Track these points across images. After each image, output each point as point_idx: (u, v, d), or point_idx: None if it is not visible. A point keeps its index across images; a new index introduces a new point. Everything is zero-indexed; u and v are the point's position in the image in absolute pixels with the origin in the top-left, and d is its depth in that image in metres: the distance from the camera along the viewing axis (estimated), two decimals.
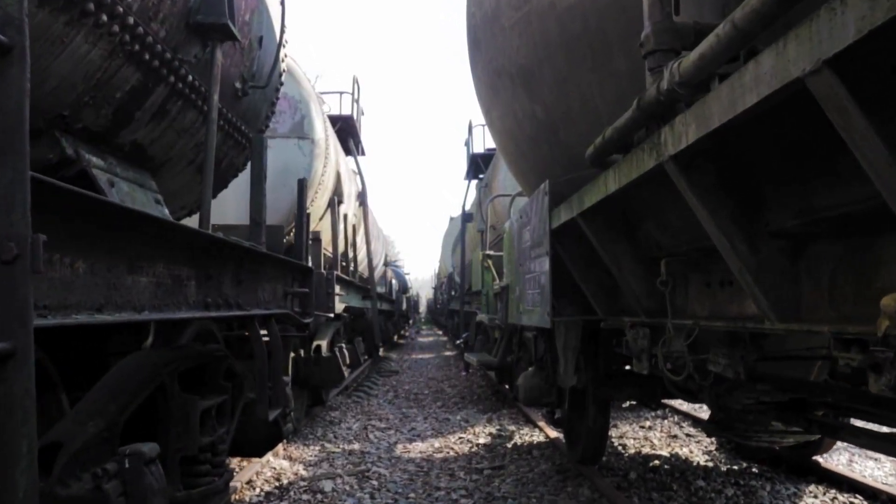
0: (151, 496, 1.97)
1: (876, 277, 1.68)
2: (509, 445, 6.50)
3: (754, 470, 5.50)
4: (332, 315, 5.95)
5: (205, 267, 2.52)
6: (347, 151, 10.83)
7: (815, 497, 4.67)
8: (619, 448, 6.41)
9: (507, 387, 10.11)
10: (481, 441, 6.74)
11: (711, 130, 1.66)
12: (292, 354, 6.42)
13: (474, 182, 14.20)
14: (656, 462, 5.86)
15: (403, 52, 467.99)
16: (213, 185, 4.28)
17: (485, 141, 13.78)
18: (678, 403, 8.01)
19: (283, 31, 4.05)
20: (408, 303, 31.58)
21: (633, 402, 7.85)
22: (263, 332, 3.58)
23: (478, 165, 13.54)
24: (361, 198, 10.86)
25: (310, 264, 5.13)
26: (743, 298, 2.31)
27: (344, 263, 8.76)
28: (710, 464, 5.82)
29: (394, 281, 22.07)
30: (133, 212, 1.85)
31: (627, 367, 5.14)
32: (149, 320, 1.94)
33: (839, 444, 5.42)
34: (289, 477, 5.29)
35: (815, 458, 5.26)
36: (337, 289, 6.65)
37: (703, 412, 7.84)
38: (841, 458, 5.82)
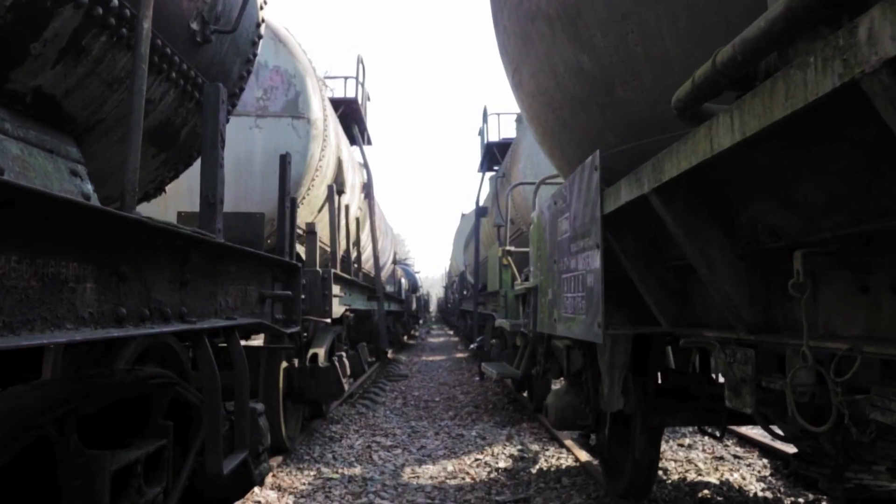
0: None
1: None
2: (534, 471, 5.64)
3: None
4: (328, 320, 5.12)
5: (113, 262, 1.69)
6: (352, 140, 9.99)
7: None
8: (660, 472, 5.54)
9: (525, 394, 9.24)
10: (501, 465, 5.89)
11: None
12: (285, 364, 5.62)
13: (489, 175, 13.32)
14: (706, 492, 5.01)
15: (413, 45, 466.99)
16: (173, 161, 3.48)
17: (500, 130, 12.95)
18: None
19: None
20: (418, 302, 30.80)
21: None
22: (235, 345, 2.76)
23: (493, 155, 12.63)
24: (367, 190, 10.02)
25: (302, 260, 4.33)
26: None
27: (346, 261, 7.93)
28: (770, 494, 4.96)
29: (403, 280, 21.32)
30: None
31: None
32: None
33: None
34: None
35: None
36: (336, 289, 5.83)
37: (747, 428, 6.96)
38: None
